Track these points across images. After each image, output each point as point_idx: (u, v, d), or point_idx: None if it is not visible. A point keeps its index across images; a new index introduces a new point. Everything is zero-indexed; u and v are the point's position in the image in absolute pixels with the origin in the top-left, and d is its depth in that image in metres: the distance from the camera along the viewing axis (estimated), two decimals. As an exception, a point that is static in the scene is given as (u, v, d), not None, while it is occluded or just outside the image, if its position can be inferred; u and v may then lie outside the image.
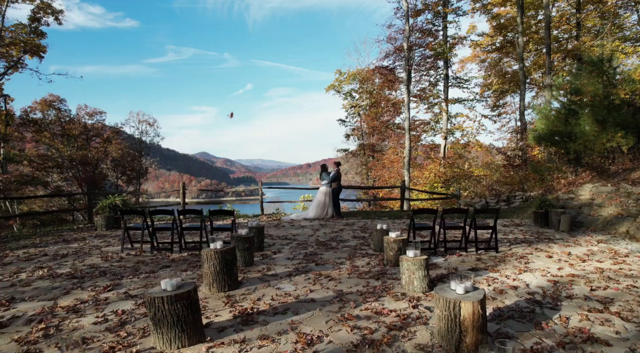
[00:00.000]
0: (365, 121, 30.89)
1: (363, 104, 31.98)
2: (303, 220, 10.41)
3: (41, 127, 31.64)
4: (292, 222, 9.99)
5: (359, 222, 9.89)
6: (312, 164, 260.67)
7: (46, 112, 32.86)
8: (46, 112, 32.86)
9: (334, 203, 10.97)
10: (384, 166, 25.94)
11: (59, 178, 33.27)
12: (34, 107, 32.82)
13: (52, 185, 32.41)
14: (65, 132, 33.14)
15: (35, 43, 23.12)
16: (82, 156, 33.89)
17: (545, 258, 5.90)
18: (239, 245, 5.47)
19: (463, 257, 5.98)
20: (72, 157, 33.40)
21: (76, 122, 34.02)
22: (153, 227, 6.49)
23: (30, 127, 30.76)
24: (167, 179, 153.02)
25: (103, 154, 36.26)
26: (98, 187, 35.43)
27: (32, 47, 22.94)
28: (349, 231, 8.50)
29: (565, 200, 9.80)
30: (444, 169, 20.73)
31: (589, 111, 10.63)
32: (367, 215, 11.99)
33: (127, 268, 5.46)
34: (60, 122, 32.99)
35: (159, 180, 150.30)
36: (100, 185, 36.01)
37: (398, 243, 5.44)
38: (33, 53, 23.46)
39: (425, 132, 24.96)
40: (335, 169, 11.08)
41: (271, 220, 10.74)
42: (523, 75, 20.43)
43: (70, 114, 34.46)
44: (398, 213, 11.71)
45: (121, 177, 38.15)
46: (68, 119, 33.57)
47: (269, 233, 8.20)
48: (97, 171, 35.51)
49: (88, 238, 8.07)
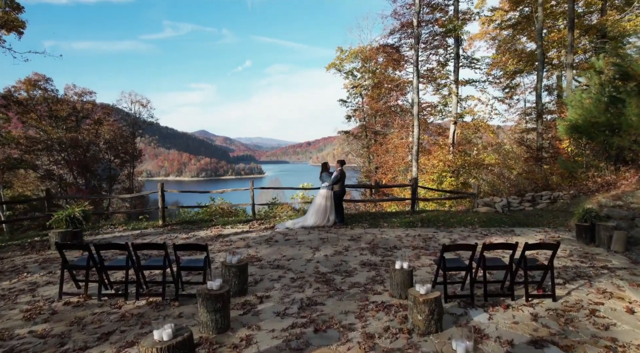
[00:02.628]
0: (367, 103, 28.93)
1: (365, 83, 29.91)
2: (300, 230, 8.80)
3: (27, 108, 29.69)
4: (288, 233, 8.38)
5: (365, 234, 8.26)
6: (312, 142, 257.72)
7: (31, 93, 30.75)
8: (31, 93, 30.75)
9: (337, 209, 9.34)
10: (387, 151, 24.17)
11: (49, 161, 31.61)
12: (18, 87, 30.65)
13: (42, 168, 30.84)
14: (52, 113, 31.20)
15: (12, 17, 20.91)
16: (72, 138, 32.07)
17: (626, 313, 4.31)
18: (207, 306, 3.86)
19: (512, 312, 4.37)
20: (61, 140, 31.61)
21: (64, 103, 31.97)
22: (102, 264, 4.86)
23: (15, 107, 28.77)
24: (167, 158, 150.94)
25: (94, 136, 34.43)
26: (90, 170, 33.84)
27: (6, 22, 20.75)
28: (355, 251, 6.88)
29: (610, 207, 8.16)
30: (454, 156, 19.00)
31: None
32: (373, 219, 10.38)
33: (51, 338, 3.85)
34: (47, 103, 30.97)
35: (158, 159, 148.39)
36: (93, 168, 34.38)
37: (430, 304, 3.83)
38: (9, 28, 21.26)
39: (432, 116, 23.06)
40: (338, 168, 9.39)
41: (263, 229, 9.12)
42: (541, 53, 18.42)
43: (58, 94, 32.33)
44: (410, 219, 10.12)
45: (114, 159, 36.46)
46: (55, 99, 31.51)
47: (257, 257, 6.58)
48: (88, 154, 33.80)
49: (30, 265, 6.40)
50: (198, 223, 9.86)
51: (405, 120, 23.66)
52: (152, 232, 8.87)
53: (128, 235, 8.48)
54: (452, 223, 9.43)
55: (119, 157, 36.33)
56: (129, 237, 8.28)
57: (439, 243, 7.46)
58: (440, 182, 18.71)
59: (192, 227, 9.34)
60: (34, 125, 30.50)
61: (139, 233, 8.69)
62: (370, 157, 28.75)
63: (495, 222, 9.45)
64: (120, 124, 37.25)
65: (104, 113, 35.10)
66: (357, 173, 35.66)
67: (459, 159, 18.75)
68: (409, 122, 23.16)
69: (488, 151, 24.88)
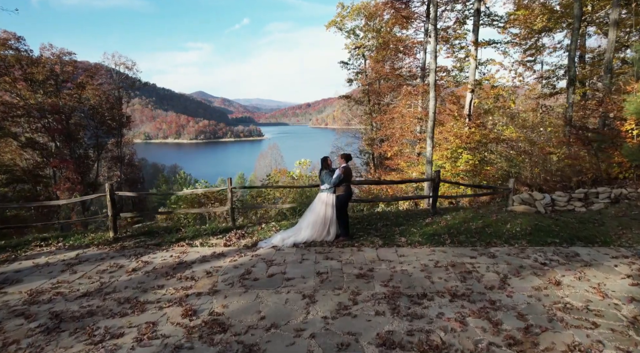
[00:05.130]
0: (371, 65, 25.78)
1: (369, 44, 26.63)
2: (291, 250, 6.48)
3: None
4: (273, 260, 6.04)
5: (379, 265, 5.88)
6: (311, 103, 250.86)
7: (1, 53, 27.41)
8: (1, 53, 27.41)
9: (340, 218, 6.96)
10: (393, 119, 21.42)
11: (29, 129, 28.93)
12: (-16, 47, 27.25)
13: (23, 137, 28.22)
14: (28, 76, 28.06)
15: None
16: (51, 104, 29.17)
17: None
18: None
19: None
20: (40, 106, 28.73)
21: (40, 65, 28.71)
22: None
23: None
24: (164, 120, 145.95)
25: (77, 101, 31.44)
26: (75, 139, 31.17)
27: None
28: (367, 305, 4.55)
29: None
30: (470, 130, 16.37)
31: None
32: (385, 226, 8.03)
33: None
34: (21, 65, 27.76)
35: (156, 121, 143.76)
36: (78, 137, 31.71)
37: None
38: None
39: (446, 82, 20.13)
40: (342, 165, 6.91)
41: (243, 247, 6.77)
42: (579, 7, 15.35)
43: (32, 54, 29.02)
44: (433, 228, 7.79)
45: (101, 127, 33.69)
46: (30, 60, 28.24)
47: (221, 322, 4.25)
48: (71, 121, 30.99)
49: None
50: (160, 235, 7.51)
51: (415, 87, 20.76)
52: (93, 254, 6.49)
53: (57, 262, 6.16)
54: (489, 235, 7.11)
55: (106, 124, 33.55)
56: (56, 265, 5.98)
57: (483, 282, 5.17)
58: (455, 159, 16.25)
59: (150, 243, 7.01)
60: (8, 90, 27.50)
61: (74, 257, 6.34)
62: (373, 124, 26.07)
63: (544, 233, 7.12)
64: (105, 88, 34.03)
65: (87, 76, 31.88)
66: (358, 140, 33.09)
67: (477, 133, 16.14)
68: (419, 89, 20.30)
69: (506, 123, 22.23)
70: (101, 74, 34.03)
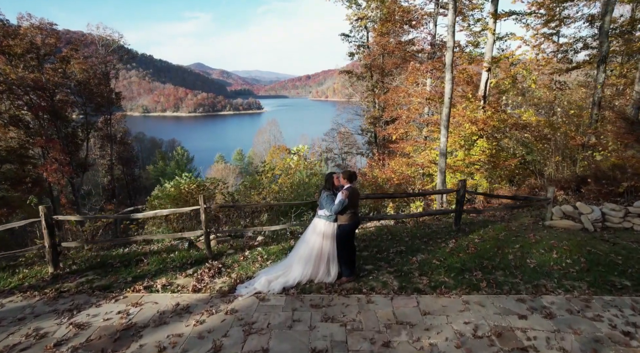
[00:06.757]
0: (374, 39, 23.39)
1: (372, 14, 24.10)
2: (279, 298, 4.84)
3: (-29, 43, 24.32)
4: (254, 318, 4.35)
5: (399, 325, 4.30)
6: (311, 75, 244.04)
7: (-27, 24, 24.95)
8: (-27, 24, 24.95)
9: (343, 252, 5.26)
10: (398, 96, 19.34)
11: (12, 106, 26.86)
12: (-47, 15, 24.73)
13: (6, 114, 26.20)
14: (4, 49, 25.67)
15: None
16: (34, 80, 26.94)
17: None
18: None
19: None
20: (21, 82, 26.51)
21: (18, 37, 26.28)
22: None
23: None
24: (162, 93, 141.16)
25: (62, 76, 29.18)
26: (61, 117, 29.10)
27: None
28: None
29: None
30: (486, 115, 14.44)
31: None
32: (399, 251, 6.39)
33: None
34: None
35: (154, 94, 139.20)
36: (64, 115, 29.61)
37: None
38: None
39: (459, 59, 17.94)
40: (345, 186, 5.14)
41: (217, 295, 5.11)
42: (618, -28, 13.12)
43: (10, 24, 26.58)
44: (461, 259, 6.16)
45: (90, 104, 31.54)
46: (6, 32, 25.79)
47: None
48: (56, 98, 28.81)
49: None
50: (115, 270, 5.79)
51: (424, 64, 18.61)
52: (13, 308, 4.77)
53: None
54: (534, 272, 5.45)
55: (95, 101, 31.38)
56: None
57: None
58: (469, 147, 14.46)
59: (98, 284, 5.35)
60: (-17, 64, 25.27)
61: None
62: (376, 101, 24.02)
63: (604, 267, 5.46)
64: (93, 62, 31.61)
65: (72, 49, 29.44)
66: (360, 117, 31.05)
67: (494, 118, 14.23)
68: (428, 66, 18.18)
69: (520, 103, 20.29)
70: (87, 46, 31.47)
